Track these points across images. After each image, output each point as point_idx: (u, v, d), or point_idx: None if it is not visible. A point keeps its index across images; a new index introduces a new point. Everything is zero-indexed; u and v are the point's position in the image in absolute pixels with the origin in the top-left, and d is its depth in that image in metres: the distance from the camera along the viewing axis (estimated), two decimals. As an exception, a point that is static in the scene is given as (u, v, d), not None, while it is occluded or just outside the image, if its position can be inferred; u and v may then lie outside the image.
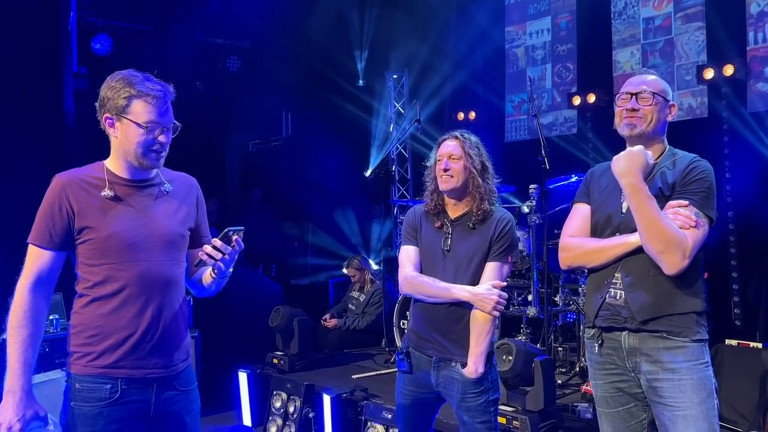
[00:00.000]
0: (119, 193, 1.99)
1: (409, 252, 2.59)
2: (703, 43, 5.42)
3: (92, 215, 1.94)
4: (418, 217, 2.63)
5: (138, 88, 1.93)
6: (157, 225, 2.01)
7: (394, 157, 7.43)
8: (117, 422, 1.91)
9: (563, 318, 4.78)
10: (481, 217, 2.51)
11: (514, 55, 6.92)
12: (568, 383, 4.28)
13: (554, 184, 4.65)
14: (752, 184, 4.94)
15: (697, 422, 2.07)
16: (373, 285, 6.01)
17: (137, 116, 1.93)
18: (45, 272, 1.94)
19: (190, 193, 2.16)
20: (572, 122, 6.34)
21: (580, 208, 2.39)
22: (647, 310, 2.13)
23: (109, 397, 1.90)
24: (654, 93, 2.21)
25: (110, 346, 1.92)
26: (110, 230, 1.93)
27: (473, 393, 2.44)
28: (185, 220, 2.10)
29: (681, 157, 2.24)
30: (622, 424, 2.27)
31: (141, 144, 1.95)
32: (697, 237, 2.08)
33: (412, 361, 2.54)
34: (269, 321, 4.99)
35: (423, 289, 2.50)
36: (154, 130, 1.95)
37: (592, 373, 2.35)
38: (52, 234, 1.93)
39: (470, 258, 2.48)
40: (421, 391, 2.55)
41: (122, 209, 1.98)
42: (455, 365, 2.45)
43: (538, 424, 3.31)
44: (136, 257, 1.96)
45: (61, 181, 1.97)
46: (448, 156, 2.53)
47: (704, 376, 2.12)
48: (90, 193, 1.96)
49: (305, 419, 4.24)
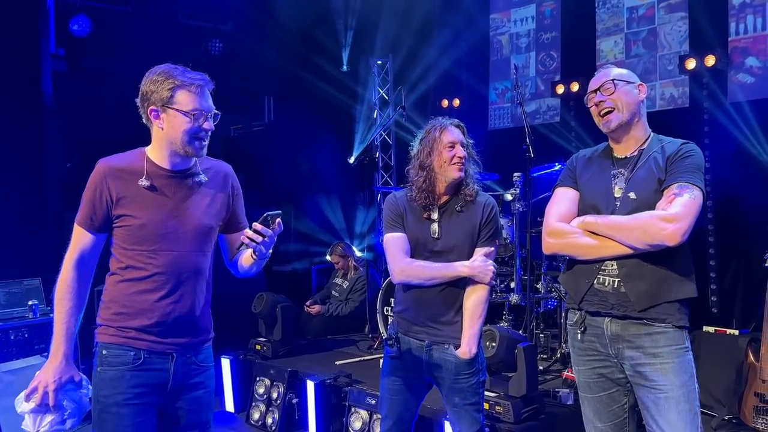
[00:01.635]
0: (156, 183, 2.08)
1: (398, 240, 2.52)
2: (686, 33, 5.46)
3: (130, 204, 2.04)
4: (402, 204, 2.56)
5: (181, 79, 2.02)
6: (190, 217, 2.11)
7: (378, 144, 7.41)
8: (138, 387, 2.03)
9: (545, 305, 4.82)
10: (467, 201, 2.51)
11: (498, 43, 6.91)
12: (550, 369, 4.33)
13: (538, 172, 4.67)
14: (731, 173, 5.01)
15: (679, 404, 2.12)
16: (357, 271, 6.01)
17: (183, 105, 2.02)
18: (87, 251, 2.07)
19: (226, 182, 2.23)
20: (555, 110, 6.37)
21: (567, 192, 2.38)
22: (645, 299, 2.15)
23: (132, 362, 2.04)
24: (614, 80, 2.27)
25: (135, 323, 2.05)
26: (145, 219, 2.04)
27: (466, 374, 2.46)
28: (219, 211, 2.19)
29: (670, 142, 2.28)
30: (604, 408, 2.31)
31: (187, 132, 2.04)
32: (684, 202, 2.08)
33: (401, 346, 2.53)
34: (252, 307, 4.97)
35: (420, 273, 2.46)
36: (199, 117, 2.04)
37: (575, 359, 2.38)
38: (93, 219, 2.05)
39: (461, 243, 2.49)
40: (410, 376, 2.54)
41: (158, 199, 2.07)
42: (448, 347, 2.46)
43: (520, 409, 3.35)
44: (167, 246, 2.07)
45: (103, 169, 2.06)
46: (459, 143, 2.51)
47: (685, 360, 2.16)
48: (129, 181, 2.05)
49: (288, 405, 4.25)
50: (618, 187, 2.24)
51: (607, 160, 2.34)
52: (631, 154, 2.29)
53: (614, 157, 2.33)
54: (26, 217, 5.17)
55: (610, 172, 2.29)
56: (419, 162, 2.54)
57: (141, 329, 2.04)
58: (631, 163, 2.27)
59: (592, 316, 2.27)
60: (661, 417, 2.13)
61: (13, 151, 5.10)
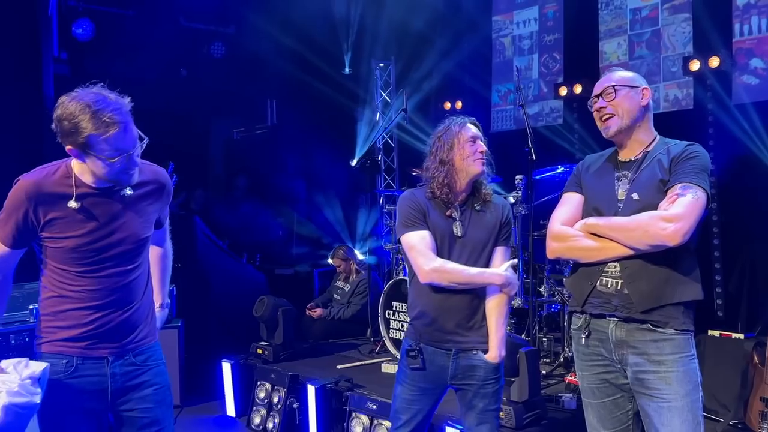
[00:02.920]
0: (86, 204, 2.00)
1: (424, 238, 2.41)
2: (690, 34, 5.42)
3: (58, 226, 1.99)
4: (423, 201, 2.48)
5: (96, 122, 1.86)
6: (124, 233, 2.07)
7: (380, 147, 7.39)
8: (73, 393, 2.03)
9: (548, 308, 4.79)
10: (487, 199, 2.51)
11: (500, 45, 6.89)
12: (553, 374, 4.29)
13: (540, 174, 4.64)
14: (736, 176, 4.97)
15: (682, 414, 2.08)
16: (359, 275, 5.99)
17: (101, 152, 1.90)
18: (8, 264, 2.05)
19: (161, 190, 2.20)
20: (558, 113, 6.34)
21: (572, 196, 2.38)
22: (648, 300, 2.12)
23: (65, 370, 2.03)
24: (615, 86, 2.26)
25: (69, 335, 2.04)
26: (76, 242, 2.00)
27: (492, 379, 2.45)
28: (152, 219, 2.18)
29: (675, 144, 2.25)
30: (607, 414, 2.27)
31: (110, 173, 1.96)
32: (686, 202, 2.05)
33: (425, 356, 2.44)
34: (253, 311, 4.95)
35: (454, 276, 2.37)
36: (122, 159, 1.93)
37: (579, 364, 2.35)
38: (16, 237, 2.00)
39: (484, 243, 2.46)
40: (430, 387, 2.47)
41: (89, 220, 2.01)
42: (476, 353, 2.42)
43: (522, 414, 3.32)
44: (100, 266, 2.04)
45: (27, 189, 1.97)
46: (479, 140, 2.49)
47: (690, 368, 2.13)
48: (56, 203, 1.98)
49: (289, 409, 4.22)
50: (621, 189, 2.23)
51: (612, 164, 2.33)
52: (635, 157, 2.28)
53: (619, 161, 2.32)
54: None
55: (614, 175, 2.28)
56: (439, 158, 2.47)
57: (72, 338, 2.04)
58: (635, 165, 2.25)
59: (595, 319, 2.25)
60: (664, 427, 2.09)
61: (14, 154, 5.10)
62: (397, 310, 4.80)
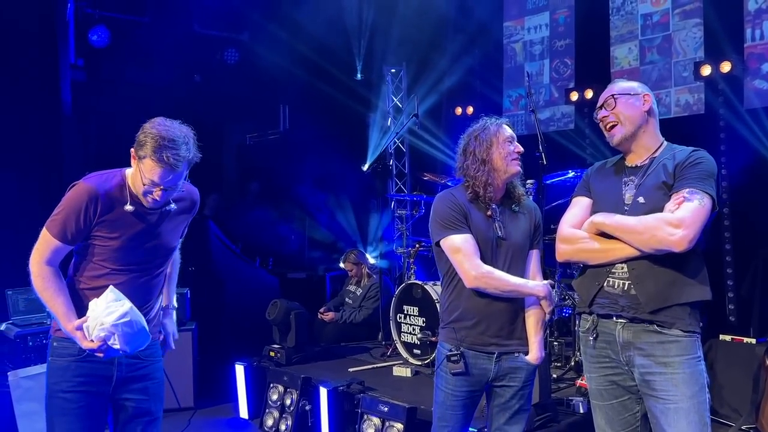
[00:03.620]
0: (139, 209, 2.27)
1: (468, 241, 2.37)
2: (701, 39, 5.43)
3: (109, 227, 2.23)
4: (462, 203, 2.44)
5: (156, 152, 2.14)
6: (161, 242, 2.34)
7: (391, 152, 7.43)
8: (82, 376, 2.25)
9: (559, 313, 4.79)
10: (520, 200, 2.52)
11: (512, 50, 6.92)
12: (564, 377, 4.31)
13: (551, 179, 4.66)
14: (748, 181, 4.96)
15: (689, 415, 2.10)
16: (370, 279, 6.03)
17: (145, 171, 2.18)
18: (55, 256, 2.24)
19: (192, 208, 2.48)
20: (569, 118, 6.36)
21: (580, 200, 2.42)
22: (655, 301, 2.15)
23: (77, 354, 2.24)
24: (614, 95, 2.32)
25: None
26: (121, 243, 2.25)
27: (532, 381, 2.49)
28: (181, 231, 2.47)
29: (681, 150, 2.28)
30: (616, 416, 2.29)
31: (141, 189, 2.22)
32: (693, 208, 2.08)
33: (468, 360, 2.41)
34: (266, 314, 4.99)
35: (501, 285, 2.36)
36: (152, 186, 2.20)
37: (587, 366, 2.37)
38: (67, 233, 2.21)
39: (521, 245, 2.47)
40: (472, 391, 2.46)
41: (136, 225, 2.27)
42: (518, 355, 2.44)
43: (533, 417, 3.34)
44: (135, 268, 2.29)
45: (88, 191, 2.20)
46: (516, 140, 2.50)
47: (696, 370, 2.15)
48: (111, 207, 2.22)
49: (302, 412, 4.26)
50: (629, 194, 2.27)
51: (620, 169, 2.37)
52: (641, 163, 2.31)
53: (626, 166, 2.36)
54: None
55: (621, 180, 2.32)
56: (480, 157, 2.45)
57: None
58: (642, 170, 2.29)
59: (602, 319, 2.27)
60: (670, 428, 2.11)
61: (32, 159, 5.19)
62: (409, 314, 4.83)
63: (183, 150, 2.17)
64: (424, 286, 4.74)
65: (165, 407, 4.91)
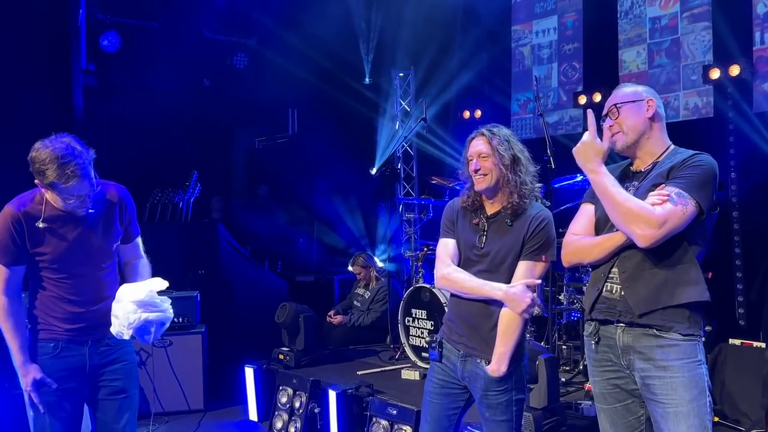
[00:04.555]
0: (56, 223, 2.50)
1: (447, 245, 2.55)
2: (710, 43, 5.42)
3: (37, 242, 2.48)
4: (455, 211, 2.59)
5: (58, 174, 2.33)
6: (85, 246, 2.55)
7: (399, 155, 7.45)
8: (59, 371, 2.54)
9: (567, 316, 4.80)
10: (516, 212, 2.45)
11: (520, 54, 6.93)
12: (572, 381, 4.30)
13: (560, 183, 4.66)
14: (757, 184, 4.94)
15: (688, 419, 2.10)
16: (379, 282, 6.04)
17: (60, 192, 2.39)
18: (10, 284, 2.50)
19: (113, 206, 2.64)
20: (578, 121, 6.35)
21: (586, 207, 2.43)
22: (643, 303, 2.16)
23: (51, 351, 2.54)
24: (617, 104, 2.33)
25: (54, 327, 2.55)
26: (52, 255, 2.50)
27: (495, 391, 2.43)
28: (115, 231, 2.64)
29: (683, 152, 2.27)
30: (620, 420, 2.30)
31: (66, 206, 2.46)
32: (673, 212, 2.07)
33: (443, 351, 2.56)
34: (275, 317, 5.02)
35: (458, 284, 2.48)
36: (78, 200, 2.43)
37: (591, 370, 2.39)
38: (13, 255, 2.47)
39: (503, 257, 2.44)
40: (449, 381, 2.55)
41: (60, 235, 2.50)
42: (480, 362, 2.45)
43: (541, 421, 3.34)
44: (73, 272, 2.54)
45: (10, 215, 2.46)
46: (478, 155, 2.47)
47: (696, 374, 2.14)
48: (33, 224, 2.46)
49: (311, 414, 4.28)
50: None
51: (625, 175, 2.38)
52: (645, 168, 2.32)
53: (630, 171, 2.37)
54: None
55: (624, 186, 2.30)
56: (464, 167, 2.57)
57: (60, 327, 2.54)
58: (644, 175, 2.30)
59: (602, 325, 2.29)
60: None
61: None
62: (417, 317, 4.84)
63: (78, 154, 2.38)
64: (432, 289, 4.75)
65: (175, 409, 4.98)
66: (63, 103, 5.53)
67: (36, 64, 5.31)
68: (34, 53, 5.31)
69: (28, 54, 5.25)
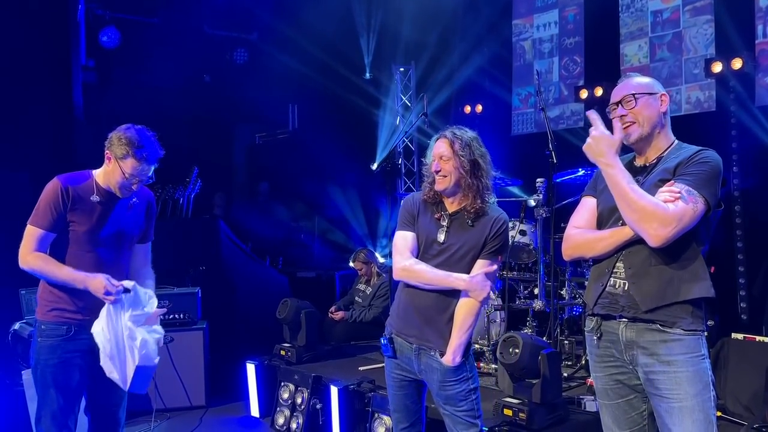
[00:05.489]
0: (104, 199, 2.72)
1: (406, 238, 2.60)
2: (712, 36, 5.39)
3: (78, 213, 2.65)
4: (416, 204, 2.64)
5: (134, 151, 2.64)
6: (124, 228, 2.79)
7: (400, 150, 7.44)
8: (69, 352, 2.68)
9: (569, 311, 4.79)
10: (476, 214, 2.54)
11: (521, 48, 6.90)
12: (574, 376, 4.29)
13: (561, 177, 4.65)
14: (760, 178, 4.93)
15: (693, 413, 2.09)
16: (380, 278, 6.04)
17: (125, 168, 2.66)
18: (41, 245, 2.64)
19: (145, 204, 2.91)
20: (579, 115, 6.34)
21: (587, 201, 2.41)
22: (651, 300, 2.14)
23: (65, 334, 2.68)
24: (635, 94, 2.25)
25: (69, 307, 2.68)
26: (89, 226, 2.67)
27: (452, 381, 2.49)
28: (141, 225, 2.89)
29: (688, 148, 2.25)
30: (622, 415, 2.29)
31: (119, 183, 2.69)
32: (685, 210, 2.05)
33: (395, 346, 2.60)
34: (276, 313, 5.01)
35: (419, 276, 2.52)
36: (132, 179, 2.69)
37: (593, 365, 2.37)
38: (51, 221, 2.62)
39: (464, 254, 2.53)
40: (406, 375, 2.61)
41: (103, 212, 2.71)
42: (434, 354, 2.50)
43: (544, 416, 3.33)
44: (101, 249, 2.71)
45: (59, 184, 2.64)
46: (439, 157, 2.55)
47: (700, 368, 2.13)
48: (80, 197, 2.67)
49: (312, 410, 4.27)
50: None
51: (628, 169, 2.33)
52: (649, 163, 2.29)
53: (634, 166, 2.33)
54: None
55: None
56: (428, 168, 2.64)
57: (74, 311, 2.67)
58: (648, 170, 2.27)
59: (605, 320, 2.27)
60: (675, 427, 2.10)
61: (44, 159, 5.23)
62: (419, 313, 4.84)
63: (153, 148, 2.68)
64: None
65: (177, 406, 4.98)
66: (62, 99, 5.52)
67: (35, 61, 5.30)
68: (33, 49, 5.30)
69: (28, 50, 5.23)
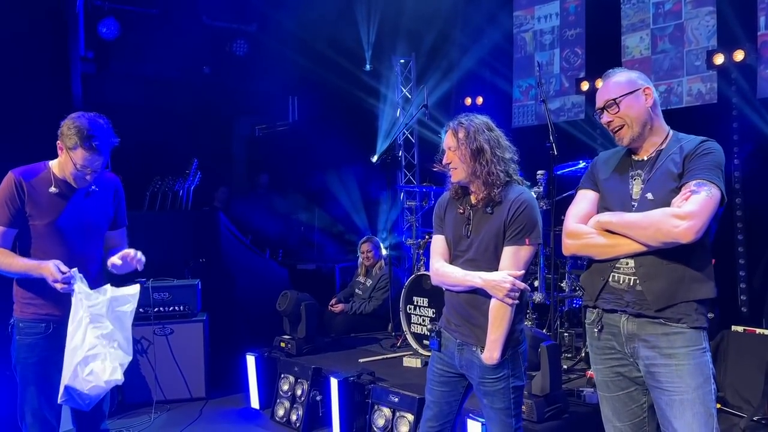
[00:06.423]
0: (63, 190, 2.70)
1: (436, 242, 2.62)
2: (714, 28, 5.37)
3: (36, 207, 2.64)
4: (443, 204, 2.64)
5: (83, 142, 2.60)
6: (87, 218, 2.76)
7: (401, 143, 7.42)
8: (47, 350, 2.67)
9: (569, 303, 4.79)
10: (492, 201, 2.44)
11: (522, 40, 6.87)
12: (574, 368, 4.30)
13: (562, 169, 4.64)
14: (761, 170, 4.91)
15: (694, 406, 2.10)
16: (380, 270, 6.03)
17: (75, 159, 2.62)
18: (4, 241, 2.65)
19: (109, 191, 2.88)
20: (580, 107, 6.31)
21: (586, 193, 2.39)
22: (662, 299, 2.14)
23: (44, 332, 2.69)
24: (615, 99, 2.24)
25: (45, 303, 2.69)
26: (50, 219, 2.66)
27: (491, 378, 2.44)
28: (106, 212, 2.86)
29: (688, 140, 2.25)
30: (622, 407, 2.30)
31: (72, 174, 2.67)
32: (699, 200, 2.05)
33: (442, 340, 2.61)
34: (276, 305, 5.01)
35: (446, 278, 2.54)
36: (84, 170, 2.65)
37: (593, 357, 2.38)
38: (10, 217, 2.63)
39: (486, 244, 2.44)
40: (448, 370, 2.59)
41: (57, 205, 2.68)
42: (475, 350, 2.47)
43: (543, 408, 3.34)
44: (67, 241, 2.70)
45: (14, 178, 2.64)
46: (447, 149, 2.53)
47: (701, 361, 2.13)
48: (38, 191, 2.66)
49: (312, 402, 4.28)
50: (636, 188, 2.24)
51: (626, 163, 2.33)
52: (649, 156, 2.28)
53: (633, 160, 2.32)
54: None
55: (628, 174, 2.28)
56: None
57: (51, 307, 2.68)
58: (649, 164, 2.25)
59: (608, 313, 2.27)
60: (676, 419, 2.11)
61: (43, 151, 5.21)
62: (418, 305, 4.84)
63: (104, 136, 2.63)
64: (433, 277, 4.73)
65: (177, 398, 5.00)
66: (61, 90, 5.48)
67: (34, 52, 5.27)
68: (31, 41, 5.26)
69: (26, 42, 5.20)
